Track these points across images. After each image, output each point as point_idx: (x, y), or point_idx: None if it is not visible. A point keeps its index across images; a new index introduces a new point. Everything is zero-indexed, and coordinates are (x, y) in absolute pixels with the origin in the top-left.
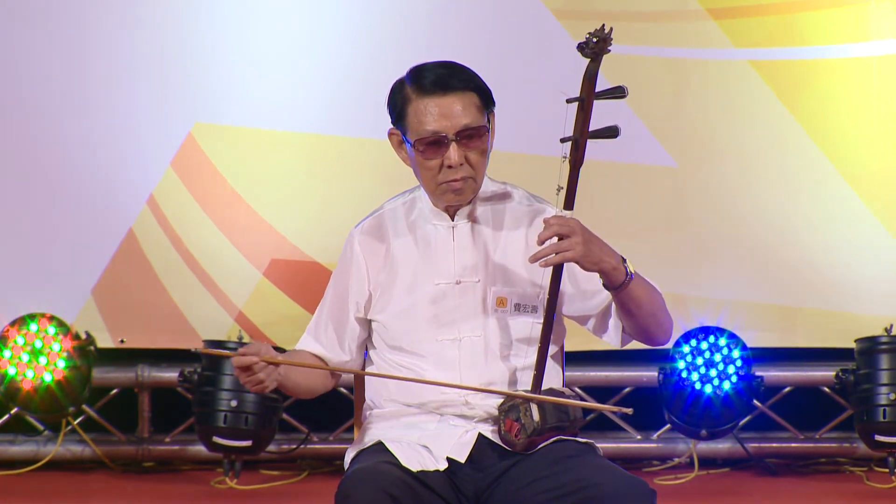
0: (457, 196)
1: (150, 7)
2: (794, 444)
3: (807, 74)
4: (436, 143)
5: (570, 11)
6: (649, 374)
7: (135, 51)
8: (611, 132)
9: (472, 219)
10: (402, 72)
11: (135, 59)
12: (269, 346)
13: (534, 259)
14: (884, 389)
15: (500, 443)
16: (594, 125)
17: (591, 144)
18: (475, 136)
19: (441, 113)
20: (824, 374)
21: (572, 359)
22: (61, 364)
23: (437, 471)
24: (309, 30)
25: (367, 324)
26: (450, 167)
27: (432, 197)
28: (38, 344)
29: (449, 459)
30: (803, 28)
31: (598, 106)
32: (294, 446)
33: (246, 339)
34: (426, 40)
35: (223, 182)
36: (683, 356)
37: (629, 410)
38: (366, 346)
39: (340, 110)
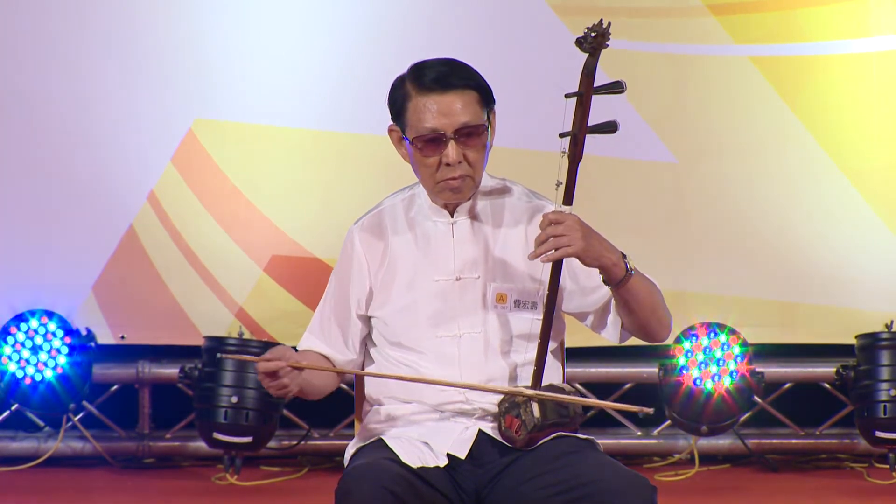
0: (455, 194)
1: (150, 4)
2: (794, 441)
3: (807, 70)
4: (434, 141)
5: (570, 7)
6: (649, 370)
7: (135, 47)
8: (610, 127)
9: (472, 215)
10: (402, 67)
11: (135, 56)
12: (292, 350)
13: (534, 256)
14: (884, 386)
15: (501, 439)
16: (593, 120)
17: (591, 140)
18: (474, 135)
19: (440, 110)
20: (825, 370)
21: (573, 355)
22: (62, 360)
23: (438, 467)
24: (309, 26)
25: (368, 321)
26: (448, 165)
27: (431, 194)
28: (39, 340)
29: (449, 456)
30: (803, 24)
31: (598, 101)
32: (294, 442)
33: (247, 336)
34: (426, 36)
35: (223, 178)
36: (684, 352)
37: (650, 410)
38: (366, 342)
39: (341, 106)
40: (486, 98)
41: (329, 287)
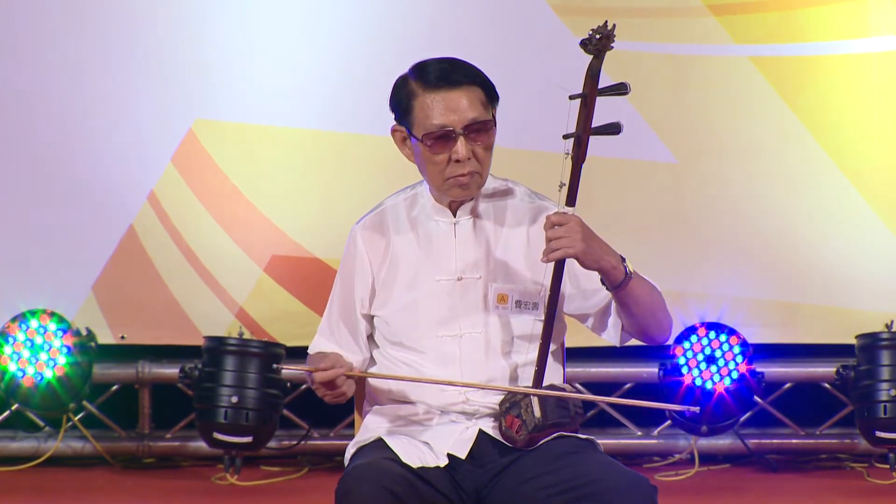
0: (463, 191)
1: (150, 3)
2: (794, 441)
3: (807, 70)
4: (443, 138)
5: (572, 8)
6: (650, 370)
7: (135, 47)
8: (613, 129)
9: (475, 215)
10: (402, 67)
11: (135, 56)
12: (343, 357)
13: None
14: (884, 385)
15: (501, 439)
16: (596, 121)
17: (593, 140)
18: (482, 131)
19: (448, 107)
20: (825, 370)
21: (573, 355)
22: (62, 360)
23: (438, 467)
24: (309, 26)
25: (371, 320)
26: (457, 161)
27: (438, 192)
28: (39, 340)
29: (449, 456)
30: (804, 24)
31: (599, 102)
32: (294, 442)
33: (247, 336)
34: (427, 36)
35: (223, 178)
36: (684, 352)
37: (696, 409)
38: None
39: (341, 106)
40: (490, 94)
41: (335, 288)
